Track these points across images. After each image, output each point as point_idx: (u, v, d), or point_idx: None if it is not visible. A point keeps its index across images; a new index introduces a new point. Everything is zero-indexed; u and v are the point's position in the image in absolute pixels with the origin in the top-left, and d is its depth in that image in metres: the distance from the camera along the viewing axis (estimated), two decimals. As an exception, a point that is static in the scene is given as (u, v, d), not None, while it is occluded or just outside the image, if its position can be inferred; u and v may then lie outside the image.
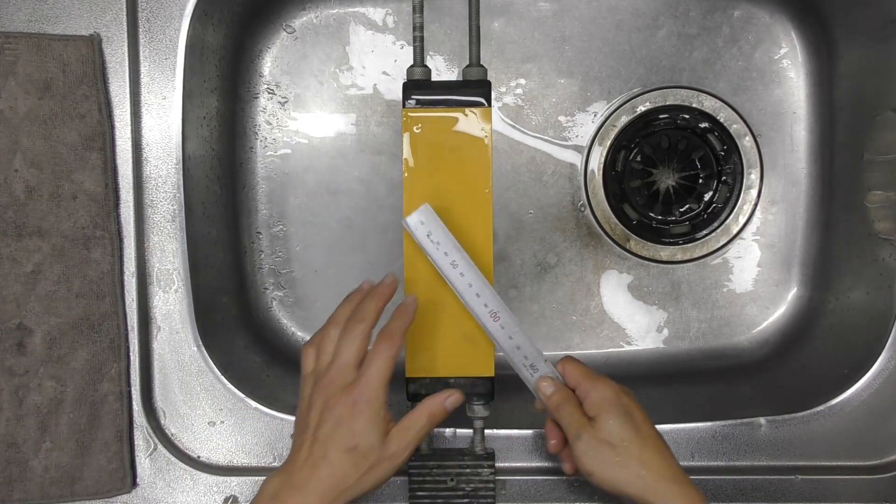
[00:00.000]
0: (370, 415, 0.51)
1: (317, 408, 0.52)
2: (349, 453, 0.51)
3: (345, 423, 0.51)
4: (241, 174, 0.78)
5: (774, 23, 0.77)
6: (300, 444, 0.52)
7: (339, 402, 0.52)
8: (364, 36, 0.77)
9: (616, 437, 0.54)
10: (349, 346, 0.53)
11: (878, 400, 0.66)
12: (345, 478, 0.51)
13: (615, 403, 0.55)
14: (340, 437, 0.51)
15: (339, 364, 0.53)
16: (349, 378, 0.52)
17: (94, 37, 0.62)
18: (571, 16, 0.77)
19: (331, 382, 0.52)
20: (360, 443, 0.51)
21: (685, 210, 0.79)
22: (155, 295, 0.65)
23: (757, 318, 0.80)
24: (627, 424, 0.54)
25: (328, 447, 0.51)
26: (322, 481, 0.51)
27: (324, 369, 0.53)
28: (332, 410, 0.52)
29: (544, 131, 0.78)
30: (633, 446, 0.54)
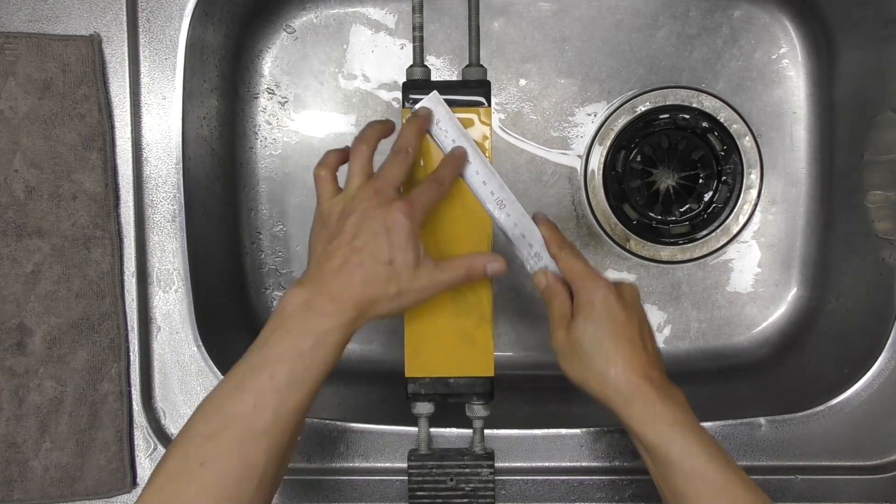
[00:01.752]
0: (410, 232, 0.49)
1: (354, 218, 0.50)
2: (386, 266, 0.49)
3: (384, 235, 0.49)
4: (241, 174, 0.78)
5: (774, 23, 0.77)
6: (330, 254, 0.50)
7: (379, 213, 0.50)
8: (364, 36, 0.77)
9: (588, 339, 0.52)
10: (397, 169, 0.52)
11: (878, 400, 0.66)
12: (378, 290, 0.49)
13: (599, 305, 0.52)
14: (379, 248, 0.49)
15: (384, 181, 0.51)
16: (391, 195, 0.50)
17: (94, 37, 0.62)
18: (571, 16, 0.77)
19: (374, 194, 0.50)
20: (397, 257, 0.49)
21: (685, 210, 0.79)
22: (155, 295, 0.65)
23: (757, 318, 0.80)
24: (603, 327, 0.52)
25: (364, 256, 0.49)
26: (357, 290, 0.49)
27: (361, 183, 0.51)
28: (373, 220, 0.49)
29: (544, 131, 0.78)
30: (603, 350, 0.52)
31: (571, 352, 0.53)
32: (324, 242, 0.51)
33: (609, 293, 0.53)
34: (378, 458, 0.66)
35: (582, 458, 0.66)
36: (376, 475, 0.65)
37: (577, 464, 0.66)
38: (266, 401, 0.46)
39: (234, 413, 0.46)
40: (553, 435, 0.66)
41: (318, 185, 0.54)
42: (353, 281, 0.49)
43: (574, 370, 0.53)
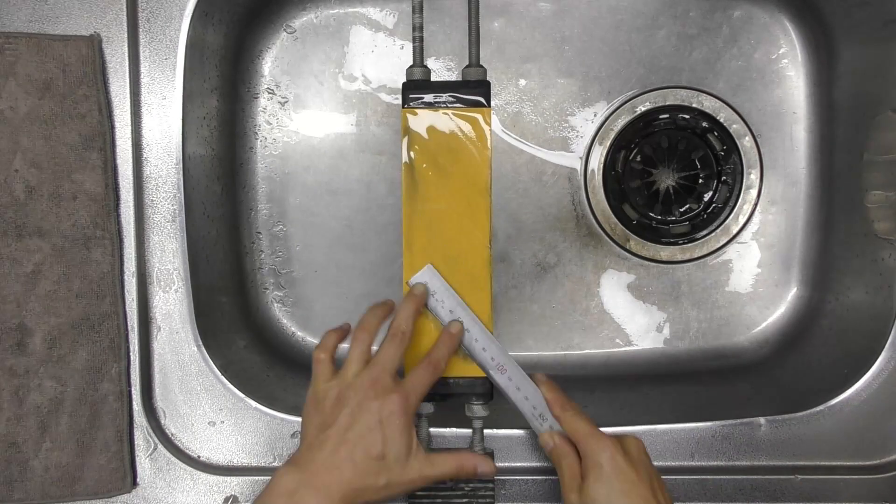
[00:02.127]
0: (404, 426, 0.51)
1: (348, 409, 0.51)
2: (376, 460, 0.51)
3: (377, 429, 0.51)
4: (241, 174, 0.78)
5: (774, 23, 0.77)
6: (322, 443, 0.51)
7: (374, 406, 0.51)
8: (364, 36, 0.77)
9: (601, 500, 0.53)
10: (393, 354, 0.53)
11: (878, 400, 0.66)
12: (367, 482, 0.51)
13: (607, 466, 0.54)
14: (371, 442, 0.51)
15: (381, 369, 0.52)
16: (388, 384, 0.52)
17: (94, 37, 0.62)
18: (571, 16, 0.77)
19: (370, 385, 0.52)
20: (389, 452, 0.51)
21: (685, 210, 0.79)
22: (155, 295, 0.65)
23: (757, 318, 0.80)
24: (614, 489, 0.53)
25: (356, 450, 0.50)
26: (345, 484, 0.50)
27: (358, 371, 0.53)
28: (367, 413, 0.51)
29: (544, 132, 0.78)
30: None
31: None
32: (316, 428, 0.52)
33: (615, 453, 0.54)
34: (378, 458, 0.65)
35: (582, 458, 0.65)
36: (376, 475, 0.65)
37: (576, 464, 0.65)
38: None
39: None
40: (553, 435, 0.66)
41: (315, 367, 0.55)
42: (343, 475, 0.50)
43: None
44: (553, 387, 0.59)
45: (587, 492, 0.54)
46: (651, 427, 0.65)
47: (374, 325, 0.55)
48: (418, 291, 0.57)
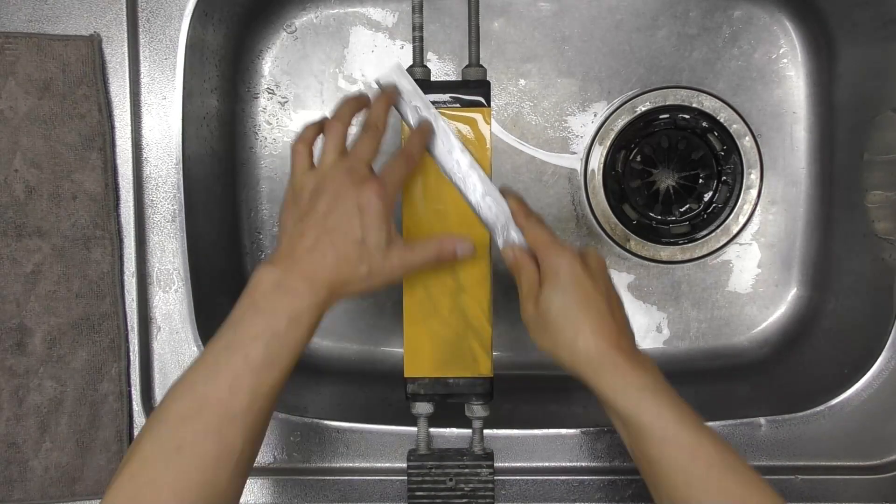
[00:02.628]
0: (382, 212, 0.50)
1: (326, 197, 0.50)
2: (358, 246, 0.49)
3: (356, 215, 0.49)
4: (241, 174, 0.78)
5: (774, 23, 0.77)
6: (302, 232, 0.50)
7: (352, 193, 0.50)
8: (364, 36, 0.77)
9: (555, 308, 0.52)
10: (368, 145, 0.52)
11: (878, 400, 0.65)
12: (350, 270, 0.49)
13: (564, 274, 0.52)
14: (351, 228, 0.49)
15: (356, 158, 0.51)
16: (364, 174, 0.51)
17: (94, 37, 0.62)
18: (571, 16, 0.77)
19: (346, 173, 0.50)
20: (369, 237, 0.49)
21: (685, 210, 0.79)
22: (155, 295, 0.65)
23: (757, 318, 0.80)
24: (569, 296, 0.51)
25: (336, 236, 0.49)
26: (328, 271, 0.49)
27: (334, 161, 0.52)
28: (345, 200, 0.50)
29: (544, 132, 0.78)
30: (570, 319, 0.51)
31: (541, 323, 0.53)
32: (295, 219, 0.51)
33: (574, 262, 0.52)
34: (378, 458, 0.66)
35: (582, 458, 0.66)
36: (376, 475, 0.65)
37: (576, 464, 0.66)
38: (241, 382, 0.46)
39: (210, 395, 0.46)
40: (553, 435, 0.66)
41: (293, 158, 0.54)
42: (326, 261, 0.49)
43: (544, 341, 0.53)
44: (519, 199, 0.57)
45: (543, 300, 0.52)
46: (651, 427, 0.65)
47: (347, 115, 0.54)
48: (390, 89, 0.56)
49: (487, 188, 0.57)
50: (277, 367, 0.47)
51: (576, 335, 0.51)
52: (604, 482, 0.65)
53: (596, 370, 0.50)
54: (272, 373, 0.47)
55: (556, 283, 0.52)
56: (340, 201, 0.50)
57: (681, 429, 0.48)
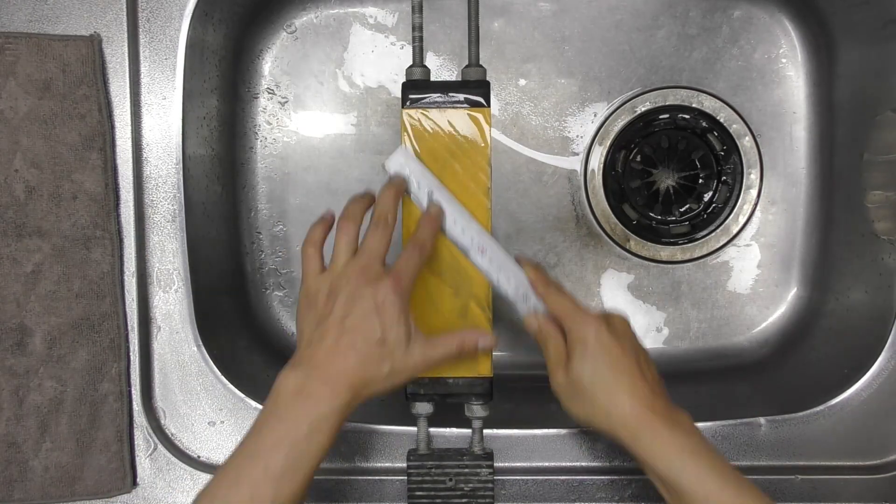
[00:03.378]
0: (400, 309, 0.50)
1: (342, 298, 0.50)
2: (378, 346, 0.49)
3: (375, 314, 0.49)
4: (241, 174, 0.78)
5: (774, 23, 0.77)
6: (322, 336, 0.50)
7: (368, 292, 0.50)
8: (364, 36, 0.77)
9: (587, 376, 0.52)
10: (379, 240, 0.52)
11: (878, 400, 0.66)
12: (372, 370, 0.49)
13: (592, 342, 0.53)
14: (370, 328, 0.49)
15: (369, 256, 0.51)
16: (378, 271, 0.51)
17: (94, 37, 0.62)
18: (571, 16, 0.77)
19: (360, 272, 0.50)
20: (388, 336, 0.49)
21: (685, 210, 0.79)
22: (155, 295, 0.65)
23: (757, 318, 0.80)
24: (600, 364, 0.52)
25: (357, 337, 0.49)
26: (350, 373, 0.49)
27: (347, 261, 0.51)
28: (362, 300, 0.49)
29: (544, 132, 0.78)
30: (603, 386, 0.52)
31: (573, 392, 0.54)
32: (313, 323, 0.51)
33: (600, 328, 0.53)
34: (378, 458, 0.66)
35: (582, 458, 0.66)
36: (376, 475, 0.65)
37: (577, 464, 0.66)
38: (262, 492, 0.46)
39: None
40: (553, 435, 0.66)
41: (304, 263, 0.54)
42: (347, 363, 0.49)
43: (578, 409, 0.54)
44: (535, 267, 0.57)
45: (573, 368, 0.53)
46: (651, 427, 0.65)
47: (358, 214, 0.54)
48: (397, 179, 0.56)
49: (503, 260, 0.57)
50: (298, 474, 0.47)
51: (610, 401, 0.52)
52: (604, 482, 0.65)
53: (634, 435, 0.51)
54: (293, 482, 0.47)
55: (585, 352, 0.53)
56: (357, 301, 0.50)
57: (724, 488, 0.49)
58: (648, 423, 0.51)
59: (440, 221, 0.56)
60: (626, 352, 0.53)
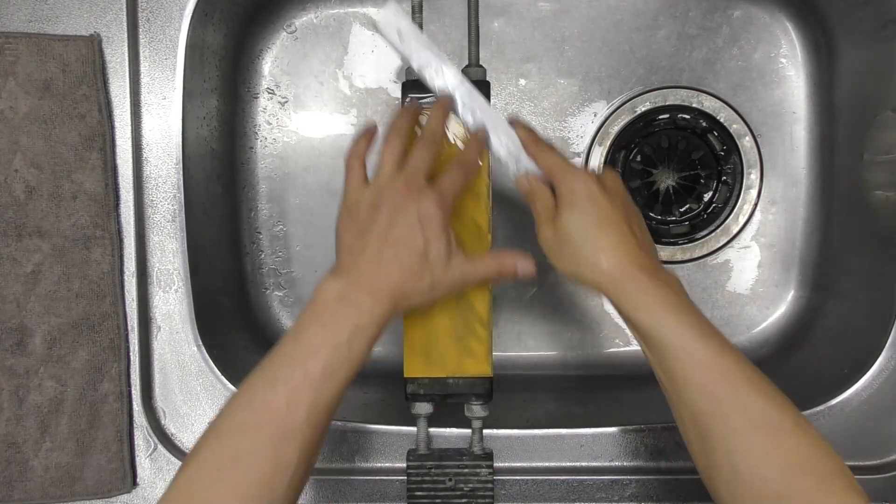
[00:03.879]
0: (442, 224, 0.50)
1: (385, 211, 0.50)
2: (420, 259, 0.49)
3: (418, 228, 0.49)
4: (241, 174, 0.78)
5: (774, 23, 0.77)
6: (364, 246, 0.50)
7: (412, 205, 0.49)
8: (364, 36, 0.77)
9: (573, 229, 0.52)
10: (425, 157, 0.52)
11: (878, 400, 0.65)
12: (413, 283, 0.49)
13: (580, 194, 0.52)
14: (413, 240, 0.49)
15: (414, 171, 0.51)
16: (423, 186, 0.50)
17: (94, 37, 0.62)
18: (571, 16, 0.77)
19: (404, 186, 0.50)
20: (431, 250, 0.49)
21: (685, 210, 0.79)
22: (155, 295, 0.65)
23: (757, 318, 0.80)
24: (588, 216, 0.52)
25: (400, 248, 0.49)
26: (393, 284, 0.49)
27: (392, 173, 0.51)
28: (405, 213, 0.49)
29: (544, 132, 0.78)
30: (590, 238, 0.51)
31: (560, 246, 0.53)
32: (355, 233, 0.51)
33: (590, 182, 0.52)
34: (378, 458, 0.66)
35: (582, 458, 0.66)
36: (376, 475, 0.65)
37: (577, 464, 0.66)
38: (300, 397, 0.46)
39: (268, 408, 0.46)
40: (553, 435, 0.66)
41: (347, 174, 0.53)
42: (390, 273, 0.49)
43: (565, 264, 0.53)
44: (527, 127, 0.57)
45: (561, 221, 0.52)
46: (651, 427, 0.65)
47: (405, 128, 0.54)
48: (445, 98, 0.56)
49: (495, 121, 0.57)
50: (337, 380, 0.47)
51: (597, 254, 0.51)
52: (604, 482, 0.65)
53: (618, 288, 0.50)
54: (331, 387, 0.47)
55: (574, 204, 0.52)
56: (401, 214, 0.50)
57: (704, 345, 0.48)
58: (633, 276, 0.50)
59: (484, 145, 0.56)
60: (615, 206, 0.52)
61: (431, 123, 0.54)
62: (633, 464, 0.65)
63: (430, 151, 0.53)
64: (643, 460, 0.65)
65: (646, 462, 0.65)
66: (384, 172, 0.52)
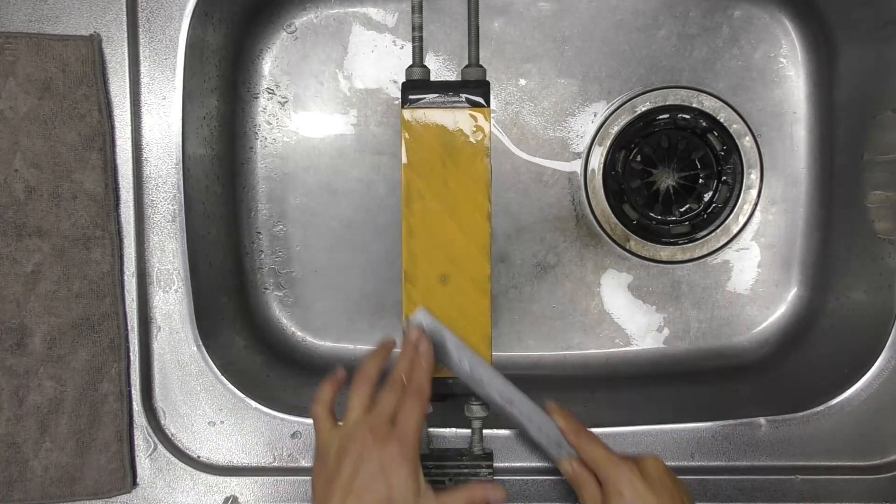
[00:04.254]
0: (408, 469, 0.51)
1: (350, 459, 0.51)
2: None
3: (382, 475, 0.50)
4: (241, 174, 0.78)
5: (774, 23, 0.77)
6: (329, 496, 0.51)
7: (375, 454, 0.51)
8: (364, 36, 0.77)
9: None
10: (390, 401, 0.53)
11: (878, 400, 0.65)
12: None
13: (627, 493, 0.54)
14: (377, 489, 0.50)
15: (379, 416, 0.52)
16: (386, 431, 0.52)
17: (94, 37, 0.62)
18: (571, 16, 0.77)
19: (368, 433, 0.51)
20: (395, 497, 0.50)
21: (685, 210, 0.79)
22: (155, 295, 0.65)
23: (757, 318, 0.80)
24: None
25: (364, 497, 0.50)
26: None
27: (357, 421, 0.53)
28: (369, 462, 0.51)
29: (544, 132, 0.78)
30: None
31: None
32: (323, 483, 0.52)
33: (633, 478, 0.55)
34: (378, 458, 0.65)
35: (582, 458, 0.65)
36: (376, 475, 0.65)
37: (576, 464, 0.65)
38: None
39: None
40: (553, 435, 0.66)
41: (315, 423, 0.55)
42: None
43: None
44: (565, 414, 0.59)
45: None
46: (651, 427, 0.65)
47: (373, 373, 0.55)
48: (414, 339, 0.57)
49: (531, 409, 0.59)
50: None
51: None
52: (604, 482, 0.65)
53: None
54: None
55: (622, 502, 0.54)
56: (364, 464, 0.51)
57: None
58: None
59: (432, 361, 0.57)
60: (661, 500, 0.54)
61: (400, 367, 0.55)
62: (633, 464, 0.65)
63: (395, 394, 0.54)
64: (643, 460, 0.65)
65: (646, 462, 0.65)
66: (350, 418, 0.53)
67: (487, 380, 0.58)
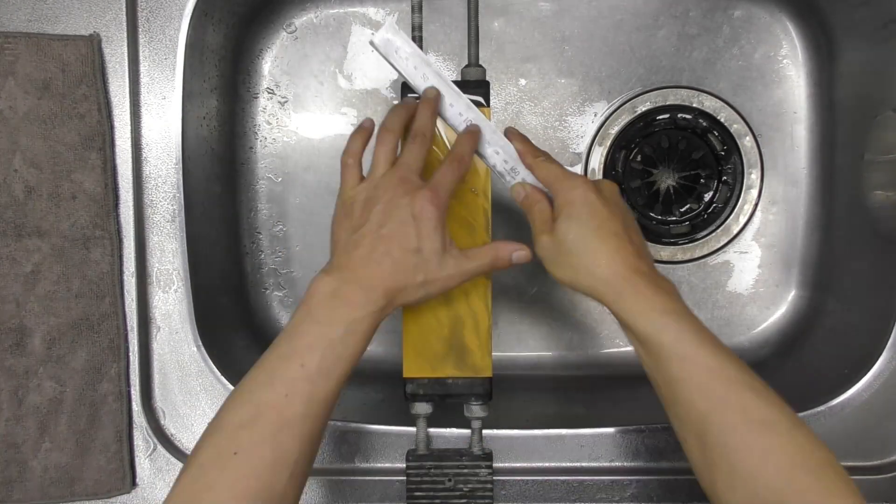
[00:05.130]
0: (437, 220, 0.50)
1: (379, 207, 0.50)
2: (414, 254, 0.50)
3: (411, 224, 0.50)
4: (241, 174, 0.78)
5: (774, 23, 0.77)
6: (357, 242, 0.50)
7: (405, 202, 0.50)
8: (364, 36, 0.77)
9: (572, 238, 0.52)
10: (417, 153, 0.52)
11: (879, 400, 0.65)
12: (406, 278, 0.50)
13: (578, 202, 0.52)
14: (406, 236, 0.50)
15: (407, 168, 0.52)
16: (416, 182, 0.51)
17: (94, 37, 0.62)
18: (571, 16, 0.77)
19: (398, 183, 0.51)
20: (424, 246, 0.50)
21: (685, 210, 0.79)
22: (155, 295, 0.65)
23: (757, 318, 0.80)
24: (586, 225, 0.52)
25: (392, 245, 0.50)
26: (386, 279, 0.49)
27: (385, 172, 0.52)
28: (398, 209, 0.50)
29: (544, 132, 0.78)
30: (589, 247, 0.51)
31: (557, 254, 0.53)
32: (349, 230, 0.51)
33: (588, 190, 0.53)
34: (377, 459, 0.65)
35: (582, 458, 0.65)
36: (376, 475, 0.65)
37: (576, 464, 0.66)
38: (297, 390, 0.46)
39: (266, 402, 0.46)
40: (553, 435, 0.66)
41: (343, 172, 0.54)
42: (382, 269, 0.49)
43: (562, 271, 0.53)
44: (524, 138, 0.57)
45: (558, 230, 0.53)
46: (651, 427, 0.65)
47: (397, 125, 0.54)
48: (432, 94, 0.56)
49: (491, 132, 0.57)
50: (333, 375, 0.48)
51: (595, 262, 0.51)
52: (604, 482, 0.65)
53: (617, 294, 0.51)
54: (328, 381, 0.47)
55: (572, 213, 0.52)
56: (394, 211, 0.50)
57: (701, 348, 0.48)
58: (631, 283, 0.50)
59: (478, 139, 0.56)
60: (613, 214, 0.53)
61: (420, 120, 0.55)
62: (633, 464, 0.65)
63: (421, 147, 0.53)
64: (643, 461, 0.65)
65: (646, 462, 0.65)
66: (378, 170, 0.52)
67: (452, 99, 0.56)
